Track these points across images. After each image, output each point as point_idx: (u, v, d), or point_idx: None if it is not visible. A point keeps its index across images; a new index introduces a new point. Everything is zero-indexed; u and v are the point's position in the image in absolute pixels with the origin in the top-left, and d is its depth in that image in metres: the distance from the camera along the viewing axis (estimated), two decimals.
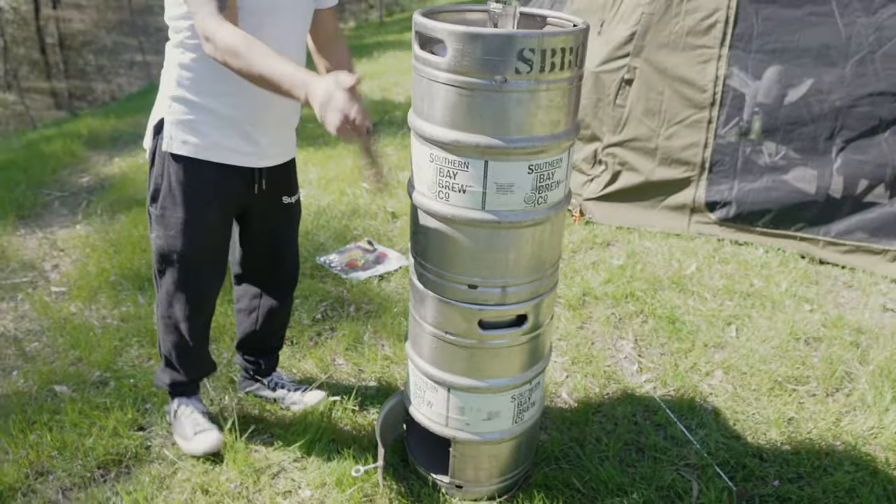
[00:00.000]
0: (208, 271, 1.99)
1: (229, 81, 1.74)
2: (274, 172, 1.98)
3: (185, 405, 2.14)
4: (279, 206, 2.06)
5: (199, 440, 2.06)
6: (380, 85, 6.64)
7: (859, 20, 3.15)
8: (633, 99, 3.58)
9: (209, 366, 2.20)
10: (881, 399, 2.35)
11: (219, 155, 1.85)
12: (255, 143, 1.87)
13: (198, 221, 1.88)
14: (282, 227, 2.11)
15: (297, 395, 2.30)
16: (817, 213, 3.36)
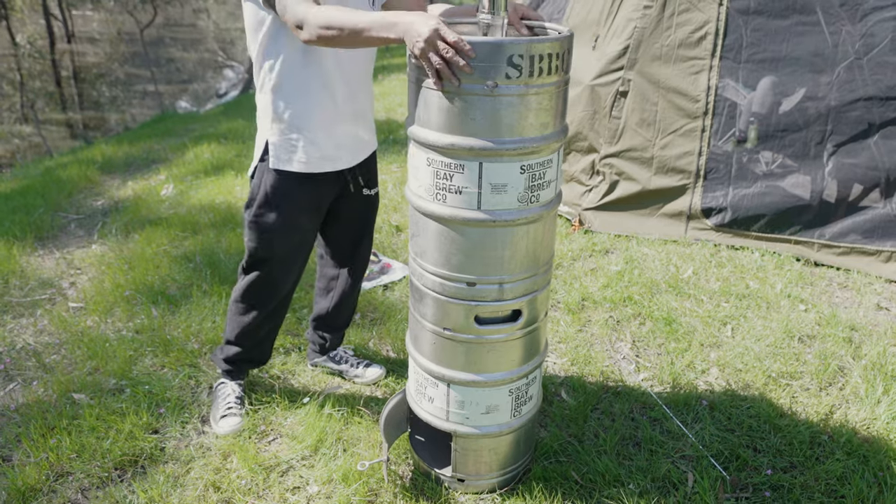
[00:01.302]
0: (292, 272, 2.21)
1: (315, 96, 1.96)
2: (363, 167, 2.19)
3: (224, 385, 2.38)
4: (361, 198, 2.25)
5: (222, 424, 2.29)
6: (384, 106, 6.79)
7: (844, 28, 3.26)
8: (628, 110, 3.68)
9: (265, 357, 2.41)
10: (873, 391, 2.41)
11: (316, 166, 2.05)
12: (342, 146, 2.07)
13: (290, 226, 2.09)
14: (362, 218, 2.31)
15: (360, 369, 2.54)
16: (812, 217, 3.43)
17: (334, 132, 2.04)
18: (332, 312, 2.46)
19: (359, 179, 2.18)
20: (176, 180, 4.89)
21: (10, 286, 3.34)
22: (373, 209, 2.34)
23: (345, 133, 2.07)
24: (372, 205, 2.32)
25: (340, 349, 2.60)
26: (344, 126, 2.05)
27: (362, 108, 2.11)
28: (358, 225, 2.32)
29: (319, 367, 2.60)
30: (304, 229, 2.14)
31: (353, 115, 2.07)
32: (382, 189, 4.42)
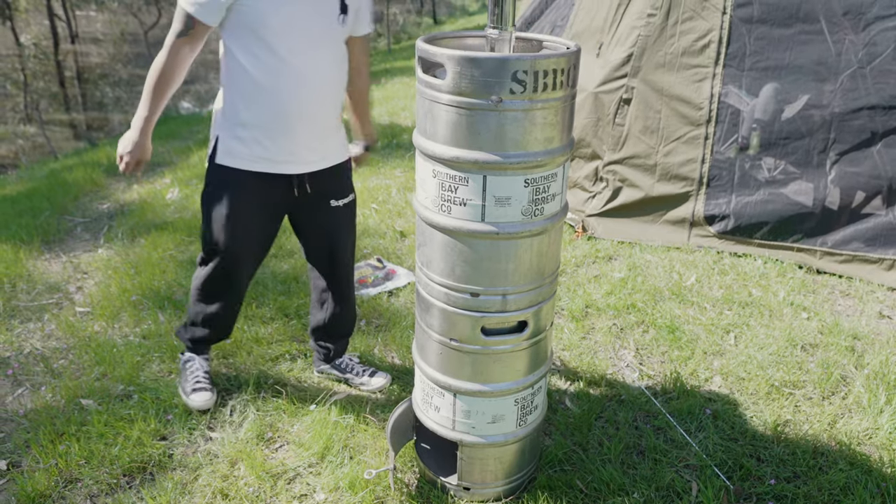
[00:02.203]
0: (244, 265, 2.29)
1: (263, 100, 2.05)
2: (317, 177, 2.21)
3: (192, 361, 2.49)
4: (327, 209, 2.28)
5: (194, 397, 2.41)
6: (387, 110, 6.81)
7: (847, 37, 3.27)
8: (631, 117, 3.70)
9: (228, 333, 2.51)
10: (876, 401, 2.42)
11: (257, 165, 2.12)
12: (290, 152, 2.13)
13: (238, 219, 2.17)
14: (333, 229, 2.34)
15: (366, 377, 2.56)
16: (814, 225, 3.45)
17: (283, 136, 2.10)
18: (329, 323, 2.50)
19: (305, 187, 2.19)
20: (181, 184, 4.91)
21: (17, 290, 3.36)
22: (343, 220, 2.34)
23: (296, 139, 2.11)
24: (341, 216, 2.33)
25: (346, 357, 2.62)
26: (295, 132, 2.10)
27: (323, 118, 2.15)
28: (327, 236, 2.34)
29: (325, 374, 2.62)
30: (251, 225, 2.21)
31: (308, 122, 2.11)
32: (386, 194, 4.44)
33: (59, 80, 16.15)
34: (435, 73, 1.72)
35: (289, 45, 2.01)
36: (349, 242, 2.41)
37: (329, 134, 2.20)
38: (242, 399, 2.48)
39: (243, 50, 2.02)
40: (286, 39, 2.00)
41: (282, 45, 2.00)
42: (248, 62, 2.02)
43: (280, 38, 1.99)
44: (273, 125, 2.08)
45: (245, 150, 2.11)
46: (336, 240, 2.35)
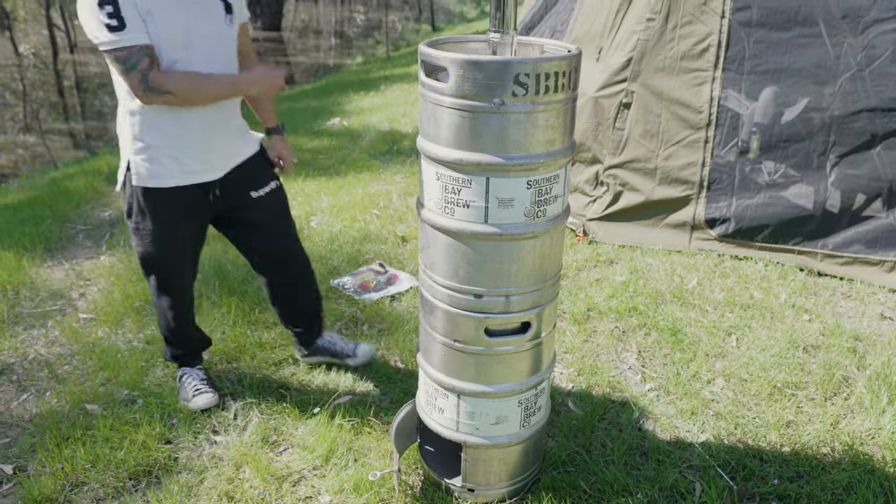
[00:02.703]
0: (180, 271, 2.36)
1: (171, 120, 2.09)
2: (233, 176, 2.27)
3: (187, 374, 2.54)
4: (249, 202, 2.33)
5: (196, 400, 2.45)
6: (387, 116, 6.84)
7: (846, 40, 3.30)
8: (631, 121, 3.72)
9: (201, 341, 2.61)
10: (878, 402, 2.43)
11: (173, 181, 2.17)
12: (206, 161, 2.20)
13: (165, 232, 2.23)
14: (263, 219, 2.37)
15: (350, 350, 2.65)
16: (815, 228, 3.46)
17: (195, 147, 2.16)
18: (294, 311, 2.61)
19: (216, 190, 2.24)
20: None
21: (20, 297, 3.37)
22: (272, 208, 2.37)
23: (207, 147, 2.18)
24: (267, 205, 2.35)
25: (326, 336, 2.68)
26: (206, 140, 2.17)
27: (227, 119, 2.23)
28: (260, 227, 2.37)
29: (308, 362, 2.71)
30: (181, 234, 2.28)
31: (216, 128, 2.19)
32: (387, 200, 4.46)
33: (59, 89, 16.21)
34: (437, 76, 1.74)
35: (187, 56, 2.05)
36: (286, 227, 2.44)
37: (235, 134, 2.28)
38: (246, 403, 2.49)
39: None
40: (185, 51, 2.04)
41: (181, 58, 2.04)
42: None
43: (179, 51, 2.04)
44: (182, 138, 2.13)
45: (159, 169, 2.14)
46: (270, 229, 2.39)
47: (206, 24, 2.08)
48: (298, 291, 2.56)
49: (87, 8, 1.91)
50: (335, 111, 7.44)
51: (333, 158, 5.48)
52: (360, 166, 5.21)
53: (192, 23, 2.04)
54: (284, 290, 2.54)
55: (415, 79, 9.17)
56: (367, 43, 20.88)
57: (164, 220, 2.21)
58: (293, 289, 2.54)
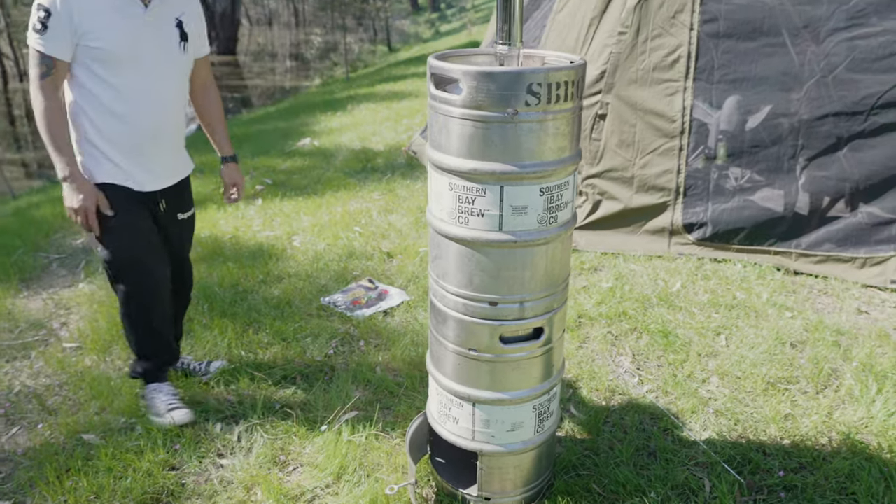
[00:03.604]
0: (155, 271, 2.38)
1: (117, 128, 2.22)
2: (170, 192, 2.42)
3: (156, 389, 2.51)
4: (176, 223, 2.49)
5: (172, 415, 2.41)
6: (358, 135, 6.85)
7: (809, 49, 3.46)
8: (607, 132, 3.82)
9: (174, 353, 2.59)
10: (867, 392, 2.53)
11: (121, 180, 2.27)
12: (149, 171, 2.31)
13: (133, 226, 2.30)
14: (181, 241, 2.55)
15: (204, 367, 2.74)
16: (787, 229, 3.59)
17: (141, 158, 2.29)
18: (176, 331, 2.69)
19: (162, 203, 2.39)
20: None
21: None
22: (188, 232, 2.58)
23: (153, 159, 2.31)
24: (186, 228, 2.56)
25: (182, 358, 2.76)
26: (151, 153, 2.30)
27: (171, 137, 2.37)
28: (177, 249, 2.53)
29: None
30: (146, 227, 2.34)
31: (161, 143, 2.32)
32: (367, 217, 4.46)
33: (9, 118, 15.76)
34: (445, 88, 1.77)
35: (138, 75, 2.21)
36: (188, 251, 2.63)
37: (179, 151, 2.44)
38: (249, 424, 2.45)
39: (94, 82, 2.18)
40: (135, 71, 2.20)
41: (131, 76, 2.20)
42: (102, 95, 2.19)
43: (129, 70, 2.19)
44: (129, 149, 2.26)
45: (106, 167, 2.25)
46: (182, 251, 2.57)
47: (156, 45, 2.24)
48: (182, 310, 2.72)
49: (35, 4, 2.11)
50: (305, 132, 7.41)
51: (309, 178, 5.47)
52: (336, 185, 5.20)
53: (142, 42, 2.20)
54: (179, 312, 2.68)
55: (381, 98, 9.21)
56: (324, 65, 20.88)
57: (126, 214, 2.27)
58: (179, 306, 2.68)
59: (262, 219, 4.57)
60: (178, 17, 2.31)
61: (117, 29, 2.15)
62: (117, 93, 2.20)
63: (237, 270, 3.72)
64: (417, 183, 5.07)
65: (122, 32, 2.16)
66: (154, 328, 2.45)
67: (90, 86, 2.18)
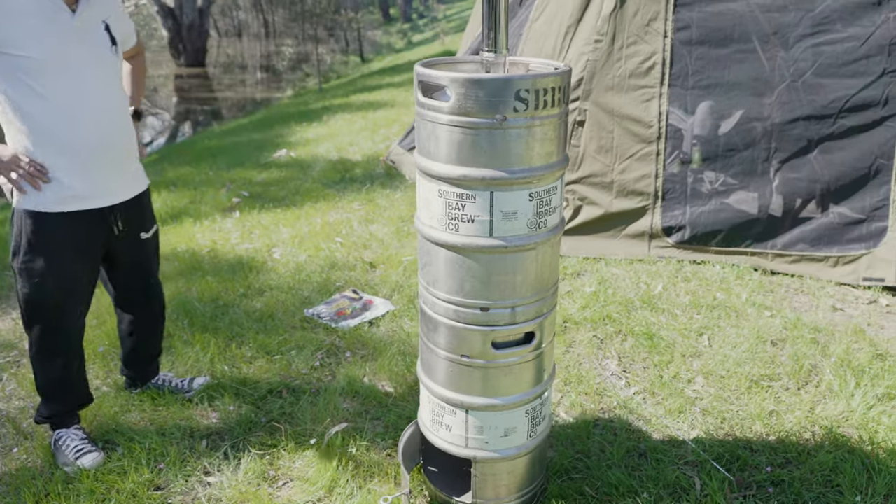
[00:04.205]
0: (74, 314, 2.26)
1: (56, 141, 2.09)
2: (128, 209, 2.29)
3: (63, 436, 2.37)
4: (139, 242, 2.37)
5: (82, 461, 2.28)
6: (335, 146, 6.83)
7: (779, 55, 3.54)
8: (586, 138, 3.86)
9: (84, 397, 2.45)
10: (846, 386, 2.58)
11: (66, 204, 2.13)
12: (95, 184, 2.17)
13: (59, 269, 2.14)
14: (145, 261, 2.45)
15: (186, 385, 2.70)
16: (762, 230, 3.67)
17: (86, 170, 2.15)
18: (141, 350, 2.63)
19: (119, 223, 2.25)
20: None
21: None
22: (152, 251, 2.48)
23: (99, 171, 2.17)
24: (150, 247, 2.45)
25: (161, 375, 2.72)
26: (96, 164, 2.17)
27: (118, 145, 2.24)
28: (142, 268, 2.45)
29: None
30: (74, 270, 2.19)
31: (107, 152, 2.19)
32: (348, 227, 4.44)
33: None
34: (433, 95, 1.78)
35: (72, 85, 2.08)
36: (157, 266, 2.55)
37: (129, 160, 2.30)
38: (236, 440, 2.42)
39: (26, 95, 2.04)
40: (69, 80, 2.08)
41: (65, 87, 2.07)
42: (33, 106, 2.06)
43: (62, 80, 2.07)
44: (72, 162, 2.12)
45: (47, 193, 2.10)
46: (148, 270, 2.49)
47: (87, 52, 2.13)
48: (156, 328, 2.64)
49: None
50: (280, 143, 7.37)
51: (286, 189, 5.43)
52: (315, 196, 5.17)
53: (73, 50, 2.09)
54: (146, 325, 2.59)
55: (356, 108, 9.20)
56: (296, 76, 20.80)
57: (55, 253, 2.12)
58: (153, 324, 2.61)
59: (240, 231, 4.53)
60: (104, 20, 2.19)
61: (45, 37, 2.02)
62: (53, 105, 2.06)
63: (217, 284, 3.67)
64: (397, 192, 5.07)
65: (51, 40, 2.03)
66: (63, 375, 2.31)
67: (21, 101, 2.04)
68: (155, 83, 21.25)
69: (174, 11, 20.24)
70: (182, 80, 19.87)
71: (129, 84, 2.50)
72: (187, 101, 17.76)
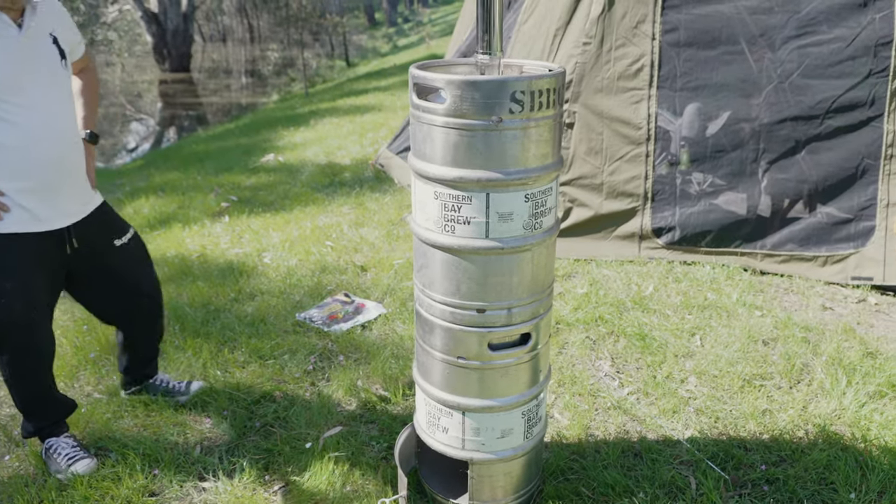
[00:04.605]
0: (43, 327, 2.21)
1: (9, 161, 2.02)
2: (87, 226, 2.22)
3: (54, 444, 2.34)
4: (114, 251, 2.32)
5: (76, 467, 2.27)
6: (323, 150, 6.81)
7: (766, 56, 3.58)
8: (575, 141, 3.88)
9: (68, 405, 2.42)
10: (838, 385, 2.61)
11: (24, 226, 2.07)
12: (52, 206, 2.11)
13: (24, 288, 2.09)
14: (128, 266, 2.39)
15: (184, 388, 2.68)
16: (751, 231, 3.70)
17: (41, 191, 2.09)
18: (146, 354, 2.63)
19: (73, 241, 2.18)
20: None
21: None
22: (136, 254, 2.40)
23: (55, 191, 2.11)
24: (131, 252, 2.37)
25: (159, 375, 2.70)
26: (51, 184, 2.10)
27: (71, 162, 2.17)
28: (125, 275, 2.38)
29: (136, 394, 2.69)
30: (40, 286, 2.13)
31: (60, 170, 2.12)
32: (338, 231, 4.43)
33: None
34: (427, 97, 1.78)
35: (22, 102, 2.02)
36: (150, 272, 2.48)
37: (81, 179, 2.23)
38: (230, 445, 2.40)
39: None
40: (20, 98, 2.02)
41: (16, 105, 2.01)
42: None
43: (13, 99, 2.01)
44: (27, 182, 2.06)
45: (6, 215, 2.05)
46: (136, 274, 2.42)
47: (37, 67, 2.06)
48: (155, 335, 2.61)
49: None
50: (268, 147, 7.34)
51: (275, 194, 5.41)
52: (304, 200, 5.16)
53: (22, 66, 2.02)
54: (145, 335, 2.56)
55: (344, 112, 9.19)
56: (281, 80, 20.73)
57: (15, 273, 2.06)
58: (152, 333, 2.58)
59: (230, 236, 4.50)
60: (51, 32, 2.11)
61: None
62: (6, 127, 2.00)
63: (207, 289, 3.65)
64: (387, 196, 5.07)
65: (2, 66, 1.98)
66: (39, 391, 2.28)
67: None
68: (139, 88, 21.11)
69: (158, 17, 20.14)
70: (167, 86, 19.76)
71: (80, 104, 2.38)
72: (172, 106, 17.66)
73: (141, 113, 18.23)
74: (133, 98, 20.42)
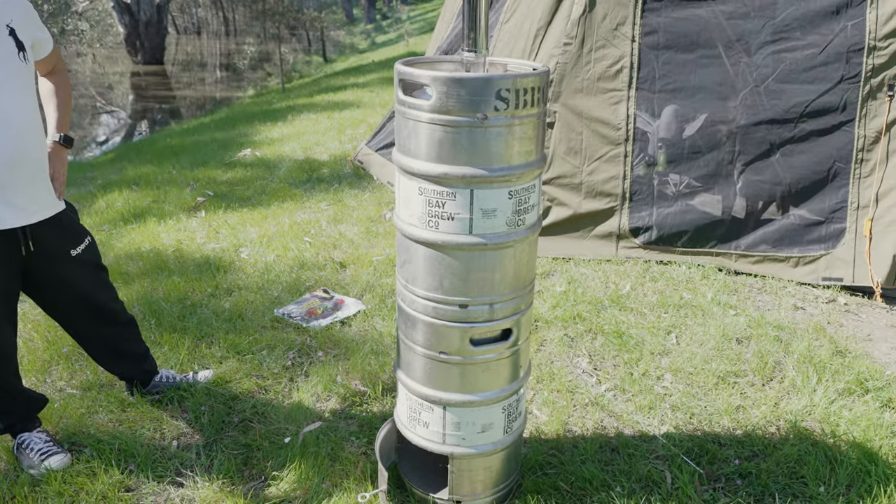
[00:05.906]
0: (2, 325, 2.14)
1: None
2: (44, 230, 2.13)
3: (26, 440, 2.31)
4: (69, 260, 2.23)
5: (49, 462, 2.24)
6: (301, 146, 6.77)
7: (742, 60, 3.65)
8: (555, 140, 3.91)
9: (36, 401, 2.38)
10: (808, 382, 2.67)
11: None
12: (10, 203, 2.03)
13: None
14: (81, 277, 2.30)
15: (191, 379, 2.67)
16: (726, 231, 3.77)
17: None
18: (127, 360, 2.55)
19: (29, 243, 2.11)
20: (92, 230, 4.64)
21: None
22: (89, 264, 2.32)
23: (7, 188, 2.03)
24: (86, 262, 2.29)
25: (163, 372, 2.66)
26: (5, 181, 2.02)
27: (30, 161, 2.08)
28: (78, 286, 2.30)
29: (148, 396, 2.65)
30: None
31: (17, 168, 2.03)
32: (317, 227, 4.41)
33: None
34: (415, 94, 1.79)
35: None
36: (105, 278, 2.42)
37: (42, 178, 2.14)
38: (208, 440, 2.38)
39: None
40: None
41: None
42: None
43: None
44: None
45: None
46: (91, 283, 2.34)
47: None
48: (128, 340, 2.54)
49: None
50: (244, 142, 7.27)
51: (252, 189, 5.36)
52: (281, 196, 5.12)
53: None
54: (114, 342, 2.50)
55: (322, 108, 9.13)
56: (257, 75, 20.54)
57: None
58: (121, 338, 2.51)
59: (206, 231, 4.45)
60: (7, 24, 2.01)
61: None
62: None
63: (184, 284, 3.61)
64: (365, 193, 5.05)
65: None
66: (7, 387, 2.23)
67: None
68: (110, 80, 20.73)
69: (131, 7, 19.80)
70: (139, 78, 19.45)
71: (52, 107, 2.31)
72: (144, 98, 17.39)
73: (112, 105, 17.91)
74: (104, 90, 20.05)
